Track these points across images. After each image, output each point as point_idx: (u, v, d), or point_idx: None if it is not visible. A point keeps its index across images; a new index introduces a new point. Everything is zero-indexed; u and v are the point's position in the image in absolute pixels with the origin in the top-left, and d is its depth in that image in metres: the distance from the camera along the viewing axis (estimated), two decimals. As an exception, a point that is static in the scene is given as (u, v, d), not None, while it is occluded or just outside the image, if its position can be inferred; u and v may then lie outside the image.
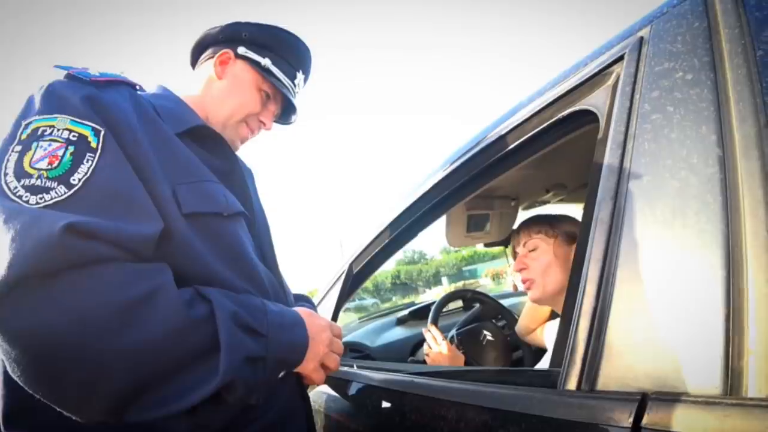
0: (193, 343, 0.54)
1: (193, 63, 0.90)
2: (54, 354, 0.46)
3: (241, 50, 0.83)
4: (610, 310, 0.48)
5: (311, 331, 0.68)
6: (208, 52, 0.86)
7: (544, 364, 1.04)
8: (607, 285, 0.49)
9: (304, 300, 0.97)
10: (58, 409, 0.48)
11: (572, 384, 0.49)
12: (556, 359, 0.53)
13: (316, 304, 1.50)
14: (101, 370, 0.47)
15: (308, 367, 0.68)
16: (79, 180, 0.53)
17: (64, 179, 0.52)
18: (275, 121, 0.93)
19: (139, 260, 0.54)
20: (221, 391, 0.55)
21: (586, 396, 0.47)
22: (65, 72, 0.63)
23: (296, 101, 0.92)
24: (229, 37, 0.84)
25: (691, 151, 0.47)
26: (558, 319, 1.12)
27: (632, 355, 0.45)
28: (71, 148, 0.54)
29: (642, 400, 0.42)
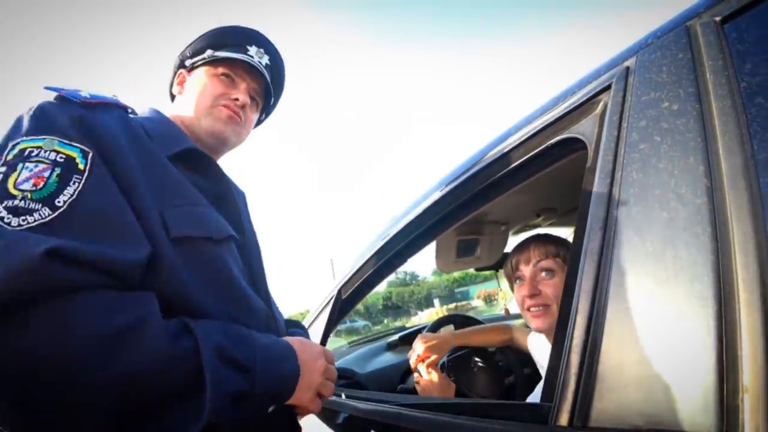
0: (176, 380, 0.52)
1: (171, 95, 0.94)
2: (26, 386, 0.43)
3: (188, 63, 0.87)
4: (602, 344, 0.47)
5: (304, 360, 0.66)
6: (174, 80, 0.91)
7: (538, 392, 1.01)
8: (597, 318, 0.48)
9: (296, 326, 0.95)
10: None
11: (564, 419, 0.47)
12: (548, 393, 0.51)
13: (306, 327, 1.48)
14: (77, 406, 0.45)
15: (304, 398, 0.66)
16: (65, 202, 0.51)
17: (48, 201, 0.51)
18: (265, 97, 0.93)
19: (125, 288, 0.52)
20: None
21: (577, 433, 0.46)
22: (55, 93, 0.62)
23: (265, 70, 0.90)
24: (179, 64, 0.90)
25: (679, 181, 0.47)
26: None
27: (625, 391, 0.44)
28: (58, 170, 0.53)
29: (636, 438, 0.41)
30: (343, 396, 1.08)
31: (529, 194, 1.24)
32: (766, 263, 0.38)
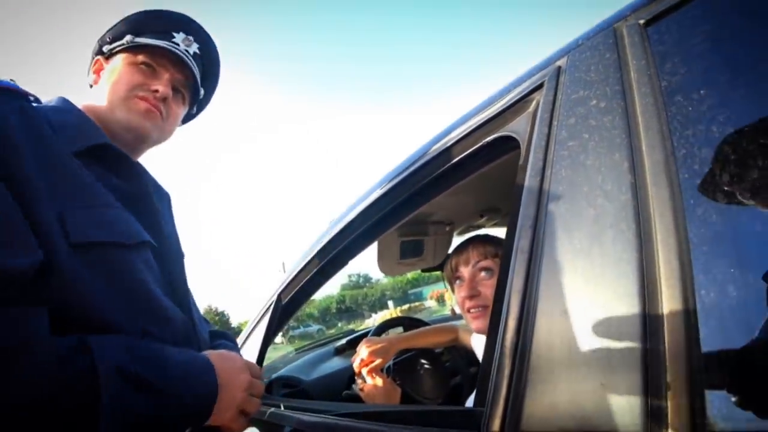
0: (69, 406, 0.45)
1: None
2: None
3: (105, 48, 0.79)
4: (532, 346, 0.46)
5: (225, 377, 0.61)
6: (91, 69, 0.82)
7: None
8: (528, 319, 0.47)
9: (222, 337, 0.88)
10: None
11: (496, 425, 0.46)
12: (480, 398, 0.50)
13: (244, 337, 1.40)
14: None
15: (224, 417, 0.61)
16: None
17: None
18: (191, 91, 0.85)
19: (6, 303, 0.45)
20: None
21: (509, 439, 0.44)
22: None
23: (193, 64, 0.83)
24: (97, 50, 0.81)
25: (605, 177, 0.47)
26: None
27: (555, 394, 0.43)
28: None
29: (566, 442, 0.40)
30: (282, 407, 1.03)
31: (472, 195, 1.24)
32: (686, 259, 0.38)
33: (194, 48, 0.84)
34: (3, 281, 0.45)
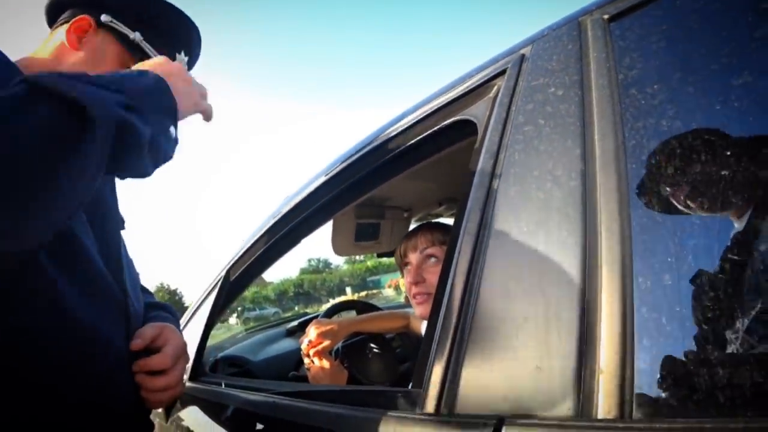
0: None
1: (50, 24, 0.72)
2: None
3: (105, 18, 0.68)
4: (471, 329, 0.45)
5: None
6: (66, 14, 0.69)
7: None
8: (468, 302, 0.47)
9: (161, 309, 0.83)
10: None
11: (431, 407, 0.45)
12: (418, 380, 0.49)
13: (189, 314, 1.35)
14: None
15: None
16: None
17: None
18: None
19: None
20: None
21: (443, 420, 0.44)
22: None
23: None
24: (92, 0, 0.69)
25: (557, 163, 0.47)
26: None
27: (490, 377, 0.43)
28: None
29: (498, 424, 0.40)
30: (223, 385, 1.00)
31: (431, 182, 1.24)
32: (627, 246, 0.39)
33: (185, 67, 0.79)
34: None
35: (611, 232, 0.40)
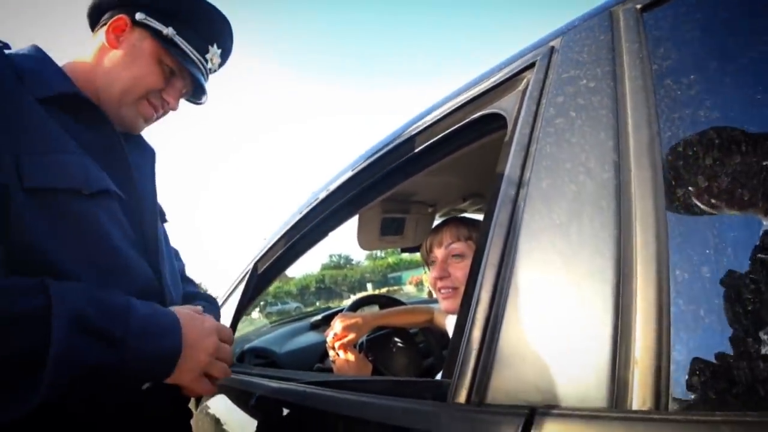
0: (14, 345, 0.44)
1: (92, 27, 0.77)
2: None
3: (139, 16, 0.71)
4: (503, 320, 0.46)
5: (191, 338, 0.59)
6: (105, 16, 0.73)
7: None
8: (500, 293, 0.47)
9: (203, 299, 0.86)
10: None
11: (462, 397, 0.46)
12: (449, 370, 0.50)
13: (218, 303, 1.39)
14: None
15: (185, 378, 0.59)
16: None
17: None
18: (187, 100, 0.83)
19: None
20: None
21: (473, 410, 0.44)
22: None
23: (208, 80, 0.82)
24: (127, 1, 0.73)
25: (589, 155, 0.46)
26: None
27: (522, 368, 0.43)
28: None
29: (530, 415, 0.40)
30: (252, 375, 1.03)
31: (456, 177, 1.24)
32: (663, 238, 0.38)
33: (217, 62, 0.82)
34: None
35: (646, 224, 0.39)
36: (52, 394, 0.45)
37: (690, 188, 0.39)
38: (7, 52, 0.62)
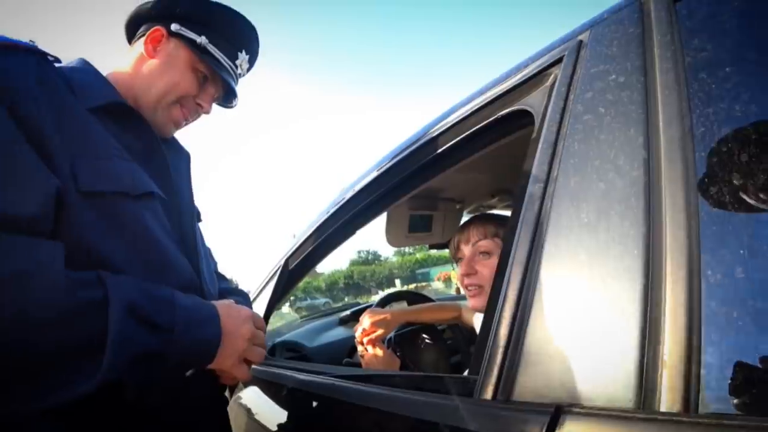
0: (78, 332, 0.48)
1: (129, 40, 0.83)
2: None
3: (175, 27, 0.77)
4: (530, 318, 0.46)
5: (229, 326, 0.64)
6: (142, 28, 0.79)
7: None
8: (528, 291, 0.47)
9: (237, 294, 0.91)
10: None
11: (488, 393, 0.46)
12: (475, 366, 0.50)
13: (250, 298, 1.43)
14: None
15: (226, 363, 0.64)
16: None
17: None
18: (217, 104, 0.87)
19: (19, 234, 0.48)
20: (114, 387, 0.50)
21: (500, 406, 0.45)
22: None
23: (238, 84, 0.86)
24: (162, 13, 0.78)
25: (618, 152, 0.46)
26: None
27: (549, 365, 0.43)
28: None
29: (555, 413, 0.40)
30: (284, 367, 1.06)
31: (484, 174, 1.23)
32: (694, 237, 0.37)
33: (245, 67, 0.86)
34: (10, 222, 0.47)
35: (677, 223, 0.39)
36: (112, 377, 0.49)
37: (723, 186, 0.38)
38: (57, 65, 0.66)
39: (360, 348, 1.19)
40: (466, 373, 0.76)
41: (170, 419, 0.63)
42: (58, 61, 0.69)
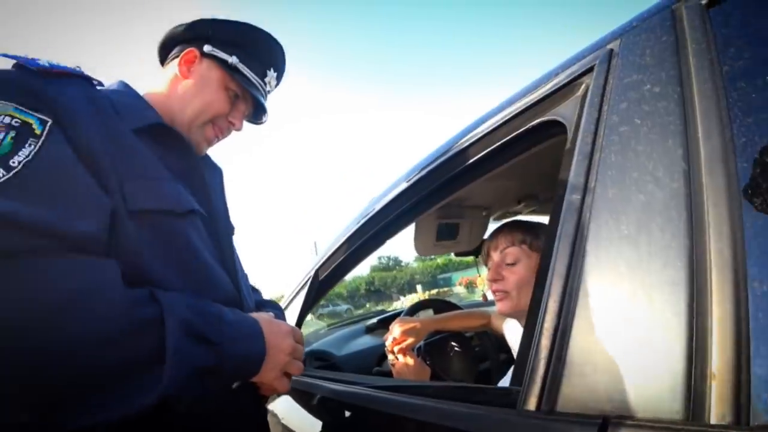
0: (136, 349, 0.50)
1: (162, 62, 0.86)
2: None
3: (207, 48, 0.80)
4: (572, 329, 0.46)
5: (271, 340, 0.66)
6: (175, 50, 0.83)
7: (509, 375, 1.02)
8: (569, 302, 0.48)
9: (270, 306, 0.94)
10: None
11: (532, 404, 0.47)
12: (517, 377, 0.51)
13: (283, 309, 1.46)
14: (23, 372, 0.44)
15: (269, 376, 0.66)
16: (19, 163, 0.50)
17: (2, 162, 0.50)
18: (246, 121, 0.90)
19: (80, 254, 0.51)
20: (168, 400, 0.52)
21: (545, 418, 0.45)
22: (13, 61, 0.59)
23: (267, 101, 0.89)
24: (195, 35, 0.81)
25: (657, 164, 0.46)
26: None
27: (594, 376, 0.43)
28: (12, 133, 0.51)
29: (602, 424, 0.40)
30: (317, 377, 1.07)
31: (510, 180, 1.23)
32: (739, 249, 0.37)
33: (273, 84, 0.89)
34: (71, 241, 0.50)
35: (721, 234, 0.39)
36: (171, 391, 0.51)
37: (768, 197, 0.38)
38: (99, 88, 0.70)
39: (390, 357, 1.20)
40: (502, 382, 0.76)
41: (217, 428, 0.65)
42: (101, 84, 0.73)
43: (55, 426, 0.46)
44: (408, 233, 1.36)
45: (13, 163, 0.50)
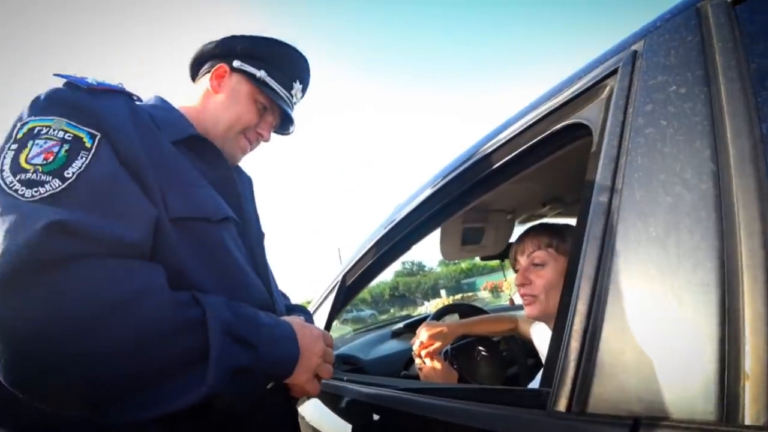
0: (182, 348, 0.53)
1: (193, 77, 0.91)
2: (33, 350, 0.45)
3: (236, 63, 0.84)
4: (602, 330, 0.46)
5: (304, 343, 0.68)
6: (206, 66, 0.87)
7: (538, 379, 1.02)
8: (598, 303, 0.48)
9: (301, 312, 0.97)
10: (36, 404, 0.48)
11: (562, 405, 0.47)
12: (547, 379, 0.51)
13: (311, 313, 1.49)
14: (78, 369, 0.47)
15: (301, 378, 0.68)
16: (73, 174, 0.54)
17: (58, 173, 0.53)
18: (274, 132, 0.94)
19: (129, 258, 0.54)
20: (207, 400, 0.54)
21: (576, 419, 0.45)
22: (64, 80, 0.64)
23: (294, 112, 0.92)
24: (225, 51, 0.86)
25: (685, 166, 0.46)
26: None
27: (624, 377, 0.43)
28: (66, 146, 0.55)
29: (634, 425, 0.41)
30: (345, 380, 1.09)
31: (535, 183, 1.23)
32: (772, 249, 0.37)
33: (299, 95, 0.93)
34: (120, 247, 0.53)
35: (752, 235, 0.38)
36: (214, 390, 0.53)
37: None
38: (138, 103, 0.74)
39: (418, 361, 1.21)
40: (537, 382, 0.75)
41: (252, 427, 0.67)
42: (140, 99, 0.77)
43: (107, 420, 0.49)
44: (432, 238, 1.37)
45: (68, 174, 0.53)
